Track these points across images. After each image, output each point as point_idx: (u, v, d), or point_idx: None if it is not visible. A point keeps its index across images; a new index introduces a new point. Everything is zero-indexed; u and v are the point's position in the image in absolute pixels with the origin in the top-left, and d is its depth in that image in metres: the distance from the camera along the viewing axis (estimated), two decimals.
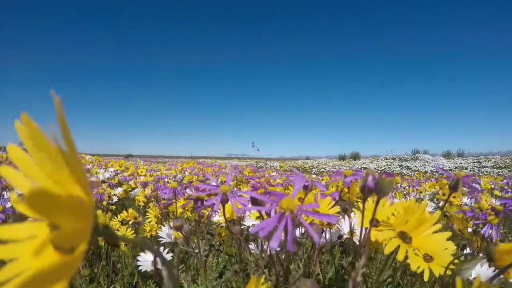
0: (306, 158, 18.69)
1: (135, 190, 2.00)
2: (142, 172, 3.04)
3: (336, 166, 12.83)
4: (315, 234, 0.25)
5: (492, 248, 0.36)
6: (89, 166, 3.70)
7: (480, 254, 0.89)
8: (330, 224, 0.62)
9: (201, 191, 0.53)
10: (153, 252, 0.22)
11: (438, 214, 0.38)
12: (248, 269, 0.79)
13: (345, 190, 0.61)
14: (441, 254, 0.36)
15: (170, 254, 0.85)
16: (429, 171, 10.99)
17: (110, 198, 1.77)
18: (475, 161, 12.47)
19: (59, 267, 0.15)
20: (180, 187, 1.01)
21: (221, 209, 0.53)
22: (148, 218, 1.22)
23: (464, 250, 0.92)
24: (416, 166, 12.02)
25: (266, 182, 1.87)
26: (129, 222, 1.30)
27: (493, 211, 0.93)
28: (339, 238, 0.78)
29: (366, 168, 11.76)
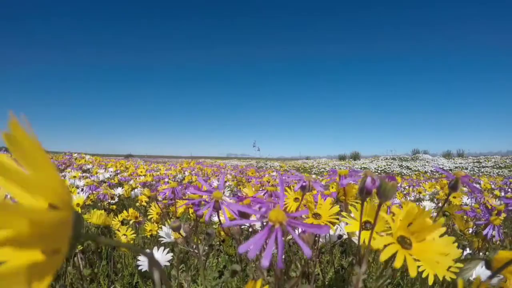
0: (306, 158, 18.68)
1: (135, 190, 2.00)
2: (142, 172, 3.04)
3: (336, 166, 12.83)
4: (306, 247, 0.24)
5: (491, 255, 0.36)
6: (89, 166, 3.70)
7: (480, 254, 0.89)
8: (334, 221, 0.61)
9: (197, 194, 0.52)
10: (145, 255, 0.22)
11: (441, 221, 0.36)
12: (247, 269, 0.78)
13: (341, 192, 0.61)
14: (443, 260, 0.35)
15: (170, 254, 0.85)
16: (429, 171, 10.99)
17: (112, 198, 1.77)
18: (475, 161, 12.46)
19: (38, 266, 0.16)
20: (180, 187, 1.01)
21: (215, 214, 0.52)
22: (150, 215, 1.22)
23: (464, 251, 0.92)
24: (416, 166, 12.02)
25: (266, 182, 1.87)
26: (129, 222, 1.30)
27: (494, 211, 0.92)
28: (339, 238, 0.78)
29: (366, 168, 11.75)
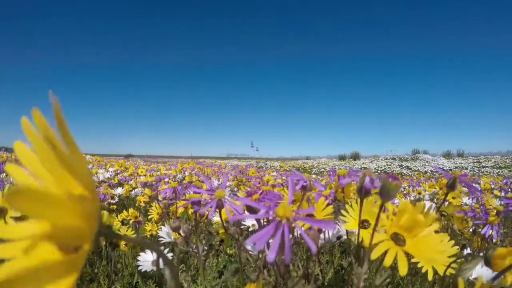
0: (306, 158, 18.67)
1: (135, 190, 2.01)
2: (142, 172, 3.04)
3: (336, 166, 12.83)
4: (312, 243, 0.24)
5: (490, 253, 0.36)
6: (89, 166, 3.69)
7: (480, 254, 0.89)
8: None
9: (198, 194, 0.52)
10: (156, 251, 0.21)
11: (432, 216, 0.37)
12: (247, 269, 0.79)
13: (339, 191, 0.61)
14: (439, 256, 0.36)
15: (170, 254, 0.85)
16: (429, 171, 10.99)
17: (113, 198, 1.78)
18: (475, 161, 12.46)
19: (61, 266, 0.15)
20: (180, 187, 1.01)
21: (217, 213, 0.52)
22: (150, 215, 1.22)
23: (464, 250, 0.92)
24: (416, 166, 12.02)
25: (266, 182, 1.87)
26: (129, 222, 1.31)
27: (493, 211, 0.92)
28: (338, 238, 0.78)
29: (366, 168, 11.74)
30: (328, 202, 0.58)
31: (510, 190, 2.60)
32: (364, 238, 0.43)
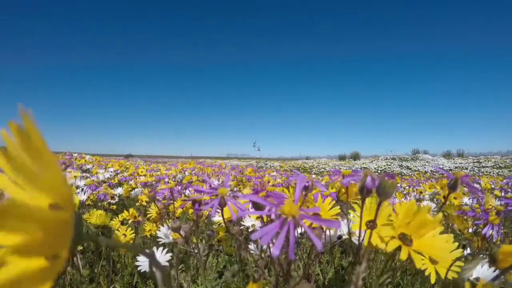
0: (306, 158, 18.68)
1: (135, 190, 2.00)
2: (142, 172, 3.04)
3: (336, 166, 12.83)
4: (318, 240, 0.25)
5: (495, 249, 0.36)
6: (89, 166, 3.70)
7: (480, 254, 0.89)
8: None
9: (198, 193, 0.52)
10: (145, 255, 0.22)
11: (439, 217, 0.37)
12: (247, 269, 0.79)
13: (342, 191, 0.61)
14: (445, 256, 0.36)
15: (169, 254, 0.85)
16: (429, 171, 10.99)
17: (113, 198, 1.77)
18: (475, 161, 12.47)
19: (38, 272, 0.15)
20: (180, 187, 1.01)
21: (219, 212, 0.52)
22: (149, 214, 1.22)
23: (464, 250, 0.92)
24: (416, 166, 12.02)
25: (267, 182, 1.87)
26: (129, 222, 1.30)
27: (494, 211, 0.92)
28: (339, 238, 0.78)
29: (366, 168, 11.75)
30: (335, 202, 0.58)
31: (510, 190, 2.60)
32: (371, 238, 0.44)
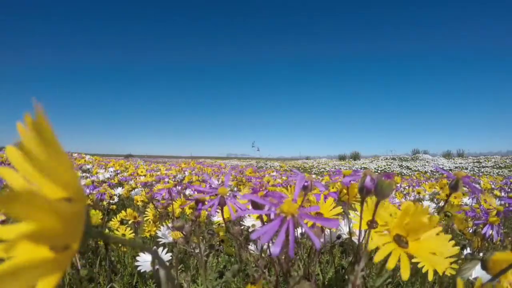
0: (306, 158, 18.69)
1: (135, 190, 2.00)
2: (142, 172, 3.04)
3: (336, 166, 12.83)
4: (316, 239, 0.25)
5: (488, 255, 0.35)
6: (88, 166, 3.70)
7: (480, 254, 0.89)
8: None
9: (199, 193, 0.52)
10: (149, 252, 0.22)
11: (436, 218, 0.37)
12: (248, 269, 0.78)
13: (343, 191, 0.61)
14: (443, 261, 0.35)
15: (169, 254, 0.85)
16: (429, 171, 10.99)
17: (112, 198, 1.77)
18: (475, 161, 12.47)
19: (48, 264, 0.15)
20: (180, 187, 1.01)
21: (220, 210, 0.53)
22: (146, 217, 1.22)
23: (464, 250, 0.92)
24: (416, 166, 12.02)
25: (267, 182, 1.87)
26: (128, 222, 1.30)
27: (493, 211, 0.92)
28: (338, 238, 0.78)
29: (366, 168, 11.74)
30: (335, 204, 0.58)
31: (510, 190, 2.60)
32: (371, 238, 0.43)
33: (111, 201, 1.77)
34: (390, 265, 0.30)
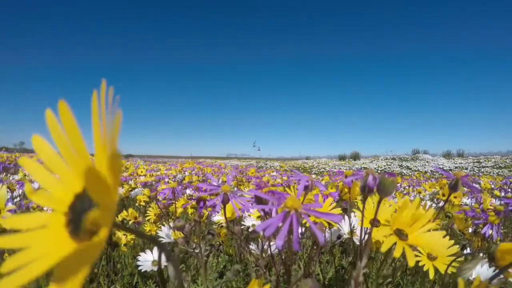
0: (306, 158, 18.70)
1: (135, 190, 2.00)
2: (142, 172, 3.04)
3: (336, 166, 12.83)
4: (320, 233, 0.26)
5: (494, 247, 0.36)
6: None
7: (480, 254, 0.89)
8: (333, 223, 0.62)
9: (203, 191, 0.53)
10: (159, 247, 0.22)
11: (432, 211, 0.38)
12: (248, 269, 0.79)
13: (345, 190, 0.61)
14: (440, 251, 0.37)
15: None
16: (429, 171, 10.99)
17: None
18: (475, 161, 12.47)
19: (84, 251, 0.14)
20: (180, 187, 1.01)
21: (222, 209, 0.53)
22: (148, 216, 1.22)
23: (464, 250, 0.92)
24: (416, 166, 12.02)
25: (267, 182, 1.88)
26: (129, 222, 1.31)
27: (493, 211, 0.92)
28: (338, 238, 0.79)
29: (366, 168, 11.74)
30: (336, 204, 0.59)
31: (510, 190, 2.60)
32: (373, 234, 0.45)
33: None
34: (396, 253, 0.33)
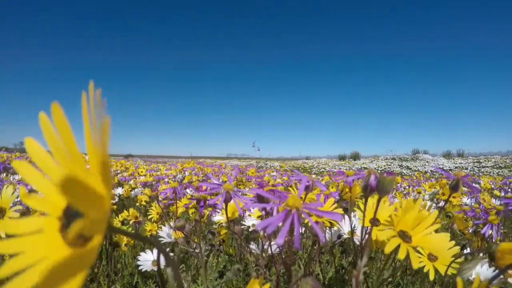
0: (306, 158, 18.70)
1: (135, 190, 2.00)
2: (142, 172, 3.04)
3: (336, 166, 12.83)
4: (321, 232, 0.26)
5: (494, 247, 0.36)
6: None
7: (480, 254, 0.89)
8: (334, 222, 0.62)
9: (203, 190, 0.53)
10: (158, 249, 0.22)
11: (436, 213, 0.38)
12: (248, 268, 0.79)
13: (346, 190, 0.61)
14: (443, 253, 0.37)
15: (171, 254, 0.85)
16: (429, 171, 10.98)
17: (112, 198, 1.77)
18: (475, 161, 12.47)
19: (77, 259, 0.14)
20: (180, 187, 1.01)
21: (223, 208, 0.53)
22: (150, 215, 1.23)
23: (464, 250, 0.92)
24: (416, 166, 12.02)
25: (267, 181, 1.88)
26: (129, 222, 1.31)
27: (493, 211, 0.93)
28: (339, 238, 0.79)
29: (366, 168, 11.73)
30: (337, 204, 0.59)
31: (510, 190, 2.60)
32: (376, 235, 0.45)
33: (112, 201, 1.77)
34: (400, 256, 0.33)
